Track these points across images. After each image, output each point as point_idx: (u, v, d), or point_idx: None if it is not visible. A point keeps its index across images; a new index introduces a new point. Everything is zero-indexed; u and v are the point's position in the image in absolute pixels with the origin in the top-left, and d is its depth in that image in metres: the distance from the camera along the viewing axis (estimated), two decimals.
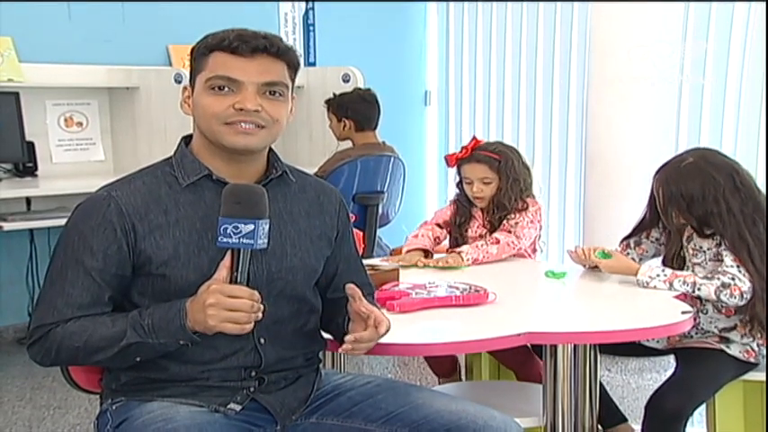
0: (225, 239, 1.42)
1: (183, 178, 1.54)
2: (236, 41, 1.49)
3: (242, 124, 1.50)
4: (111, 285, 1.49)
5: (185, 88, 1.58)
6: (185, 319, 1.43)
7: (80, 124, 4.18)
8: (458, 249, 2.59)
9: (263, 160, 1.60)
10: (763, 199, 2.25)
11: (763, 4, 3.68)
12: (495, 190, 2.69)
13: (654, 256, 2.45)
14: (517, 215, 2.67)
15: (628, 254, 2.46)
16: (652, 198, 2.35)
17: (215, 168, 1.54)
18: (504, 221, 2.67)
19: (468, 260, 2.54)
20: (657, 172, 2.32)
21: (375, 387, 1.64)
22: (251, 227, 1.41)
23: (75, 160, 4.15)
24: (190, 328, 1.43)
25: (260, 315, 1.43)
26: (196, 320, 1.42)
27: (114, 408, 1.54)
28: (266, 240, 1.44)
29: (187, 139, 1.60)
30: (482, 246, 2.59)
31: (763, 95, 3.95)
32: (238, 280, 1.42)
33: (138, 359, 1.48)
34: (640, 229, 2.44)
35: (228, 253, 1.43)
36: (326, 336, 1.72)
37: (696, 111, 4.21)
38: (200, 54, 1.53)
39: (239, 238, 1.41)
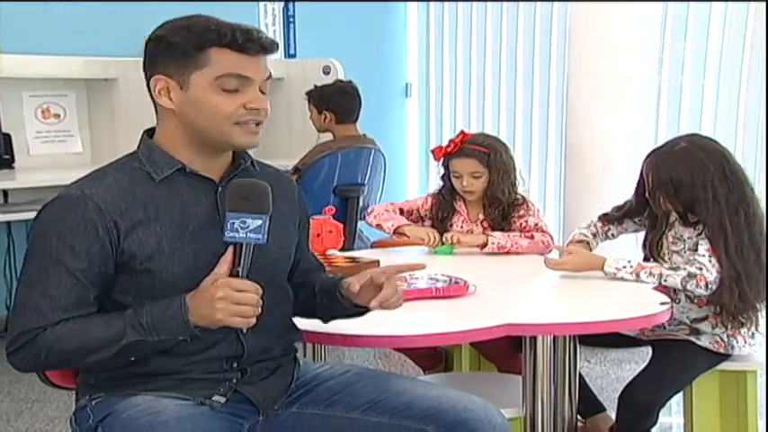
0: (232, 234, 1.43)
1: (155, 173, 1.52)
2: (245, 40, 1.47)
3: (251, 124, 1.51)
4: (95, 285, 1.47)
5: (159, 79, 1.50)
6: (187, 315, 1.43)
7: (57, 116, 4.15)
8: (488, 233, 2.63)
9: (231, 151, 1.60)
10: (749, 190, 2.26)
11: (763, 4, 3.71)
12: (486, 183, 2.70)
13: (634, 231, 2.48)
14: (522, 211, 2.70)
15: (608, 229, 2.48)
16: (640, 185, 2.36)
17: (187, 161, 1.54)
18: (524, 223, 2.68)
19: (493, 243, 2.57)
20: (648, 155, 2.33)
21: (354, 376, 1.66)
22: (258, 222, 1.44)
23: (53, 152, 4.12)
24: (193, 323, 1.43)
25: (259, 309, 1.45)
26: (201, 315, 1.42)
27: (94, 403, 1.52)
28: (267, 235, 1.47)
29: (149, 133, 1.58)
30: (513, 236, 2.62)
31: (746, 92, 3.99)
32: (240, 274, 1.44)
33: (132, 358, 1.46)
34: (625, 215, 2.46)
35: (230, 248, 1.45)
36: (302, 326, 1.74)
37: (675, 104, 4.25)
38: (192, 47, 1.47)
39: (246, 233, 1.43)
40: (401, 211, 2.80)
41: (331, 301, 1.68)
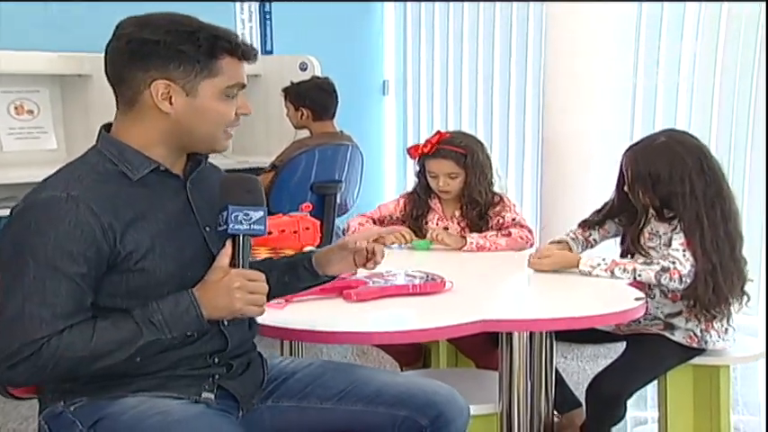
0: (236, 226, 1.47)
1: (131, 173, 1.50)
2: (246, 50, 1.51)
3: (233, 129, 1.55)
4: (92, 289, 1.44)
5: (161, 83, 1.47)
6: (200, 309, 1.44)
7: (31, 112, 4.10)
8: (466, 234, 2.66)
9: None
10: (726, 186, 2.29)
11: (763, 3, 3.75)
12: (463, 183, 2.71)
13: (615, 235, 2.50)
14: (498, 208, 2.71)
15: (590, 234, 2.50)
16: (619, 180, 2.38)
17: (159, 160, 1.53)
18: (501, 220, 2.70)
19: (471, 243, 2.59)
20: (628, 150, 2.35)
21: (318, 368, 1.72)
22: (260, 213, 1.49)
23: (27, 149, 4.07)
24: (207, 316, 1.45)
25: None
26: (216, 306, 1.45)
27: (73, 409, 1.50)
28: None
29: (107, 128, 1.56)
30: (491, 236, 2.64)
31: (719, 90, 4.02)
32: (241, 265, 1.48)
33: (138, 359, 1.45)
34: (607, 215, 2.47)
35: (229, 241, 1.48)
36: (280, 324, 1.77)
37: (650, 100, 4.28)
38: (204, 56, 1.47)
39: (250, 225, 1.48)
40: (374, 221, 2.81)
41: (293, 278, 1.73)
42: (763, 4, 3.74)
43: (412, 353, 2.92)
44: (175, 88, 1.48)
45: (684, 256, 2.21)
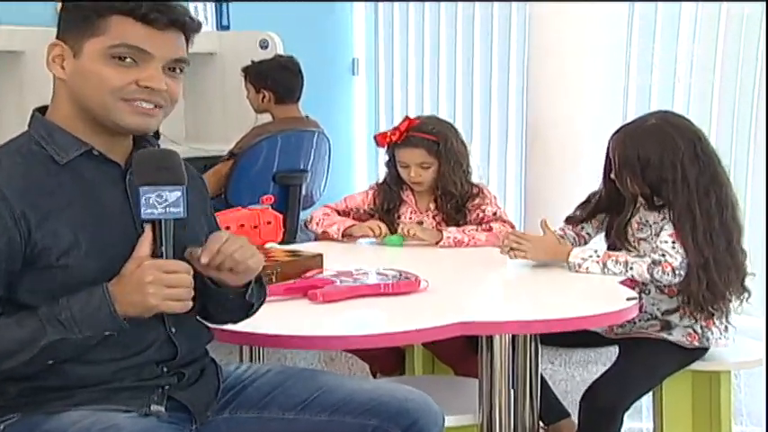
0: (149, 210, 1.41)
1: (59, 156, 1.48)
2: (151, 11, 1.46)
3: (143, 103, 1.48)
4: (2, 284, 1.43)
5: (56, 45, 1.50)
6: (114, 305, 1.41)
7: None
8: (442, 227, 2.67)
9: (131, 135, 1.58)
10: (722, 172, 2.30)
11: (763, 3, 3.78)
12: (436, 173, 2.70)
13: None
14: (477, 200, 2.72)
15: (582, 228, 2.50)
16: (608, 168, 2.37)
17: (90, 142, 1.51)
18: (481, 213, 2.71)
19: (448, 237, 2.60)
20: (616, 132, 2.35)
21: (278, 375, 1.70)
22: (177, 194, 1.43)
23: None
24: (121, 313, 1.41)
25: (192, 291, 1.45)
26: (130, 303, 1.41)
27: (3, 427, 1.47)
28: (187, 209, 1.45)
29: (41, 111, 1.55)
30: (470, 231, 2.64)
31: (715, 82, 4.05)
32: (165, 255, 1.42)
33: (51, 361, 1.43)
34: (595, 208, 2.47)
35: (148, 226, 1.43)
36: (238, 327, 1.74)
37: (644, 101, 4.31)
38: (94, 13, 1.47)
39: (165, 208, 1.42)
40: (338, 213, 2.81)
41: (206, 293, 1.59)
42: (763, 3, 3.78)
43: (387, 358, 2.90)
44: (66, 50, 1.49)
45: (674, 248, 2.23)
